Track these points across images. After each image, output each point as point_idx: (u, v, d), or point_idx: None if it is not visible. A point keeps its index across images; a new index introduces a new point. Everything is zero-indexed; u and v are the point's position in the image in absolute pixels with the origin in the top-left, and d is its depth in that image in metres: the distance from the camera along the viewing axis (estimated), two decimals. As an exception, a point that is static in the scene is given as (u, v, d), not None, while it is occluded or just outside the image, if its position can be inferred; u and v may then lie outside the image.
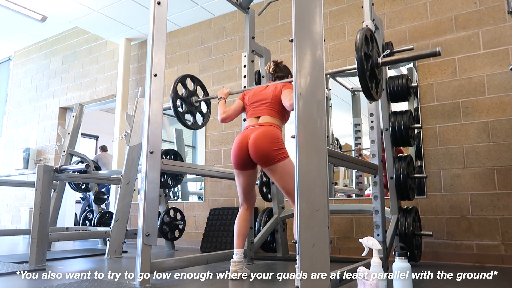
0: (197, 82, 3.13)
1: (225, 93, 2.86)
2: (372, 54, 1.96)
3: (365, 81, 1.88)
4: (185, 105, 3.00)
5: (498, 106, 3.18)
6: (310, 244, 1.51)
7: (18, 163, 6.37)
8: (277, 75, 2.74)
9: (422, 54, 2.09)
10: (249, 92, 2.73)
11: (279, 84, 2.60)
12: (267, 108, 2.56)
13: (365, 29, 1.95)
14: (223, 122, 2.77)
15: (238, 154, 2.49)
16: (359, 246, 1.80)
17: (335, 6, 4.14)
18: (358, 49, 1.85)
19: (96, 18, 5.14)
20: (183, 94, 2.99)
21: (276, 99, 2.55)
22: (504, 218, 3.03)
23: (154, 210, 2.22)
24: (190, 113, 3.07)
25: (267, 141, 2.39)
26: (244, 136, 2.49)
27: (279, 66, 2.77)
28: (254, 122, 2.57)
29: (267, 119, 2.53)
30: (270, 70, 2.76)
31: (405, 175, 2.82)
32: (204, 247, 4.11)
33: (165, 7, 2.41)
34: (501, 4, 3.27)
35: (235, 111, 2.75)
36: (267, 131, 2.44)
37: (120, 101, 5.49)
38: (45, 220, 2.98)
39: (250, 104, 2.67)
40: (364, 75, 1.87)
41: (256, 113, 2.60)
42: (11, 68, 7.39)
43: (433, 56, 2.02)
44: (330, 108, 4.10)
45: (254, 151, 2.40)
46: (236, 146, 2.51)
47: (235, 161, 2.52)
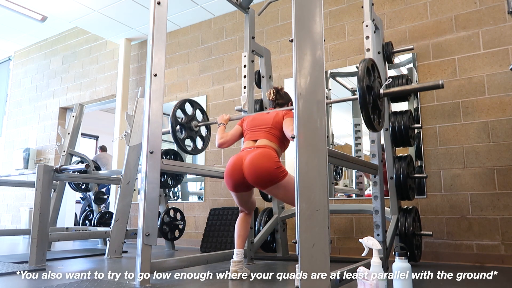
0: (196, 106, 3.12)
1: (225, 119, 2.85)
2: (374, 86, 1.94)
3: (367, 113, 1.87)
4: (185, 131, 3.00)
5: (498, 106, 3.18)
6: (310, 244, 1.51)
7: (18, 163, 6.37)
8: (277, 102, 2.73)
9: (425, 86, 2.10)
10: (249, 118, 2.69)
11: (281, 112, 2.55)
12: (266, 132, 2.50)
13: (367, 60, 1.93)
14: (220, 147, 2.72)
15: (232, 176, 2.41)
16: (359, 246, 1.80)
17: (335, 6, 4.14)
18: (360, 80, 1.83)
19: (96, 18, 5.14)
20: (182, 119, 2.99)
21: (277, 125, 2.50)
22: (504, 218, 3.03)
23: (154, 210, 2.22)
24: (190, 138, 3.06)
25: (266, 160, 2.31)
26: (238, 158, 2.41)
27: (280, 93, 2.75)
28: (251, 144, 2.51)
29: (265, 142, 2.47)
30: (270, 97, 2.74)
31: (405, 175, 2.82)
32: (204, 247, 4.11)
33: (165, 7, 2.41)
34: (501, 4, 3.27)
35: (233, 136, 2.70)
36: (264, 152, 2.37)
37: (120, 101, 5.49)
38: (45, 220, 2.98)
39: (248, 128, 2.61)
40: (367, 107, 1.86)
41: (254, 136, 2.54)
42: (11, 68, 7.39)
43: (436, 88, 2.01)
44: (330, 108, 4.10)
45: (253, 173, 2.31)
46: (230, 168, 2.42)
47: (229, 184, 2.45)
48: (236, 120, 2.88)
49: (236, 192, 2.49)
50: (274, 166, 2.30)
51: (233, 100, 4.67)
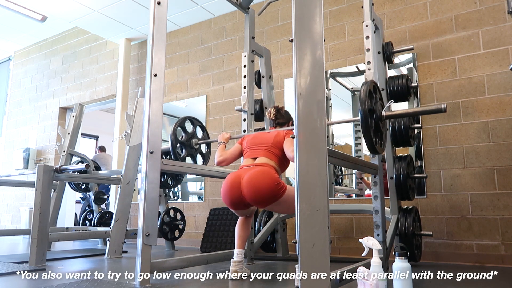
0: (196, 123, 3.13)
1: (226, 138, 2.84)
2: (376, 108, 1.94)
3: (369, 136, 1.87)
4: (185, 149, 3.00)
5: (498, 106, 3.18)
6: (310, 244, 1.51)
7: (18, 163, 6.37)
8: (278, 121, 2.72)
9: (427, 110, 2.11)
10: (249, 136, 2.67)
11: (282, 132, 2.53)
12: (266, 151, 2.47)
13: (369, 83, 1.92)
14: (218, 165, 2.69)
15: (230, 196, 2.35)
16: (359, 246, 1.80)
17: (335, 6, 4.14)
18: (363, 103, 1.83)
19: (96, 18, 5.14)
20: (182, 137, 2.99)
21: (278, 144, 2.47)
22: (504, 218, 3.03)
23: (154, 210, 2.22)
24: (190, 156, 3.06)
25: (264, 178, 2.26)
26: (236, 176, 2.36)
27: (280, 112, 2.73)
28: (249, 162, 2.47)
29: (264, 160, 2.43)
30: (271, 116, 2.72)
31: (405, 175, 2.82)
32: (204, 247, 4.11)
33: (165, 7, 2.41)
34: (501, 4, 3.27)
35: (232, 155, 2.66)
36: (262, 170, 2.32)
37: (120, 101, 5.49)
38: (45, 220, 2.98)
39: (248, 146, 2.58)
40: (369, 130, 1.85)
41: (254, 154, 2.50)
42: (11, 68, 7.39)
43: (439, 112, 2.01)
44: (330, 108, 4.10)
45: (252, 192, 2.26)
46: (227, 186, 2.36)
47: (227, 203, 2.40)
48: (237, 139, 2.86)
49: (235, 210, 2.46)
50: (273, 184, 2.25)
51: (233, 100, 4.67)
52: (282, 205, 2.32)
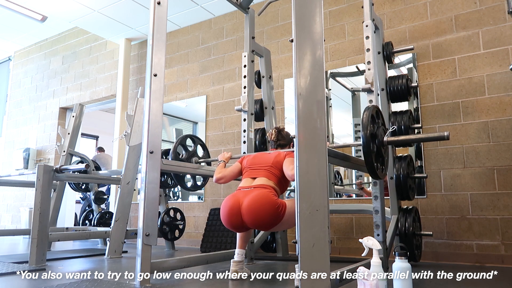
0: (198, 141, 3.12)
1: (226, 157, 2.84)
2: (378, 133, 1.94)
3: (371, 162, 1.86)
4: None
5: (498, 106, 3.18)
6: (310, 244, 1.51)
7: (18, 163, 6.37)
8: (279, 143, 2.72)
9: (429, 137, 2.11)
10: (249, 156, 2.66)
11: (283, 152, 2.53)
12: (265, 171, 2.45)
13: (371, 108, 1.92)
14: (217, 182, 2.66)
15: (230, 220, 2.32)
16: (359, 246, 1.80)
17: (335, 6, 4.14)
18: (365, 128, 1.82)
19: (96, 18, 5.14)
20: (183, 156, 2.98)
21: (278, 165, 2.45)
22: (504, 218, 3.03)
23: (154, 210, 2.22)
24: (190, 174, 3.04)
25: (264, 203, 2.23)
26: (235, 200, 2.32)
27: (281, 133, 2.73)
28: (248, 183, 2.44)
29: (263, 180, 2.40)
30: (272, 137, 2.72)
31: (405, 175, 2.82)
32: (204, 247, 4.11)
33: (165, 7, 2.41)
34: (501, 4, 3.27)
35: (231, 173, 2.64)
36: (261, 193, 2.28)
37: (120, 101, 5.49)
38: (45, 220, 2.98)
39: (248, 166, 2.56)
40: (370, 155, 1.85)
41: (253, 174, 2.48)
42: (11, 68, 7.39)
43: (441, 140, 2.01)
44: (330, 108, 4.10)
45: (253, 219, 2.24)
46: (226, 212, 2.33)
47: (228, 226, 2.38)
48: (237, 159, 2.84)
49: (236, 231, 2.44)
50: (273, 208, 2.22)
51: (233, 100, 4.67)
52: (285, 224, 2.31)
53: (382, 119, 2.02)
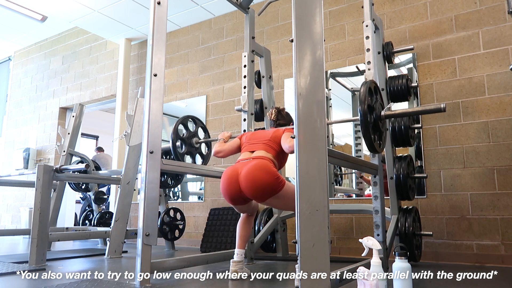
0: (199, 123, 3.13)
1: (226, 136, 2.87)
2: (376, 107, 1.94)
3: (368, 134, 1.87)
4: (185, 146, 3.00)
5: (498, 106, 3.18)
6: (310, 244, 1.51)
7: (18, 163, 6.37)
8: (278, 122, 2.74)
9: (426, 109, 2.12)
10: (248, 133, 2.71)
11: (281, 129, 2.57)
12: (264, 145, 2.48)
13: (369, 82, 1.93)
14: (215, 155, 2.72)
15: (228, 191, 2.36)
16: (359, 246, 1.80)
17: (335, 6, 4.14)
18: (362, 102, 1.83)
19: (96, 18, 5.14)
20: (184, 135, 2.99)
21: (276, 139, 2.49)
22: (504, 218, 3.03)
23: (154, 210, 2.22)
24: (189, 154, 3.07)
25: (262, 172, 2.26)
26: (233, 171, 2.36)
27: (281, 113, 2.75)
28: (247, 156, 2.47)
29: (261, 153, 2.43)
30: (272, 117, 2.74)
31: (405, 175, 2.82)
32: (204, 247, 4.11)
33: (165, 7, 2.41)
34: (501, 4, 3.27)
35: (230, 147, 2.69)
36: (260, 163, 2.31)
37: (120, 101, 5.49)
38: (45, 220, 2.98)
39: (247, 141, 2.60)
40: (368, 128, 1.86)
41: (252, 148, 2.51)
42: (11, 68, 7.39)
43: (438, 112, 2.02)
44: (330, 108, 4.10)
45: (250, 186, 2.26)
46: (225, 182, 2.37)
47: (226, 198, 2.41)
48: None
49: (234, 205, 2.47)
50: (272, 178, 2.25)
51: (233, 100, 4.67)
52: (281, 200, 2.32)
53: (380, 94, 2.03)
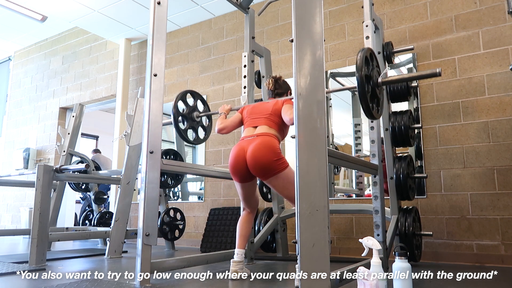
0: (197, 96, 3.13)
1: (226, 109, 2.89)
2: (372, 75, 1.95)
3: (366, 101, 1.88)
4: (187, 121, 3.00)
5: (498, 106, 3.18)
6: (310, 244, 1.51)
7: (18, 163, 6.37)
8: (276, 92, 2.76)
9: (422, 74, 2.11)
10: (249, 106, 2.74)
11: (281, 100, 2.60)
12: (266, 119, 2.55)
13: (366, 50, 1.94)
14: (219, 132, 2.76)
15: (236, 167, 2.45)
16: (359, 246, 1.80)
17: (335, 6, 4.14)
18: (359, 69, 1.84)
19: (96, 18, 5.14)
20: (184, 111, 3.00)
21: (276, 112, 2.55)
22: (504, 218, 3.03)
23: (154, 210, 2.22)
24: (192, 128, 3.07)
25: (266, 152, 2.36)
26: (240, 149, 2.46)
27: (278, 82, 2.77)
28: (251, 132, 2.55)
29: (264, 129, 2.51)
30: (269, 86, 2.77)
31: (405, 175, 2.82)
32: (204, 247, 4.11)
33: (165, 7, 2.41)
34: (501, 4, 3.27)
35: (232, 123, 2.74)
36: (265, 141, 2.41)
37: (120, 101, 5.49)
38: (45, 220, 2.98)
39: (248, 116, 2.66)
40: (365, 95, 1.86)
41: (254, 123, 2.58)
42: (11, 68, 7.39)
43: (434, 76, 2.04)
44: (330, 108, 4.10)
45: (253, 164, 2.37)
46: (233, 159, 2.47)
47: (233, 174, 2.50)
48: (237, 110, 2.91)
49: (241, 182, 2.52)
50: (274, 158, 2.35)
51: (233, 100, 4.66)
52: (280, 181, 2.38)
53: (376, 61, 2.04)
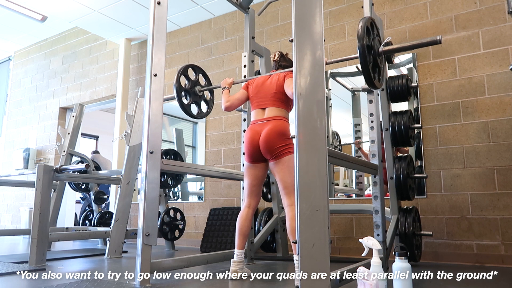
0: (199, 70, 3.14)
1: (229, 82, 2.90)
2: (373, 44, 1.97)
3: (367, 71, 1.90)
4: (190, 96, 3.01)
5: (498, 106, 3.18)
6: (310, 244, 1.51)
7: (18, 163, 6.37)
8: (280, 63, 2.77)
9: (423, 42, 2.11)
10: (253, 83, 2.75)
11: (282, 74, 2.62)
12: (273, 99, 2.59)
13: (367, 19, 1.96)
14: (227, 110, 2.77)
15: (251, 149, 2.55)
16: (359, 246, 1.80)
17: (335, 6, 4.14)
18: (360, 39, 1.85)
19: (96, 18, 5.14)
20: (186, 85, 3.01)
21: (280, 89, 2.58)
22: (504, 218, 3.03)
23: (154, 210, 2.22)
24: (195, 103, 3.08)
25: (276, 138, 2.46)
26: (255, 133, 2.54)
27: (284, 56, 2.80)
28: (260, 115, 2.60)
29: (274, 111, 2.56)
30: (275, 58, 2.79)
31: (405, 175, 2.82)
32: (204, 247, 4.11)
33: (165, 7, 2.41)
34: (501, 4, 3.27)
35: (238, 100, 2.77)
36: (276, 126, 2.49)
37: (120, 101, 5.49)
38: (45, 220, 2.98)
39: (254, 94, 2.69)
40: (367, 65, 1.88)
41: (262, 104, 2.63)
42: (11, 68, 7.39)
43: (434, 44, 2.04)
44: (330, 108, 4.10)
45: (264, 146, 2.48)
46: (248, 142, 2.57)
47: (248, 155, 2.59)
48: (239, 84, 2.95)
49: (253, 163, 2.58)
50: (281, 144, 2.45)
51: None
52: (281, 166, 2.44)
53: (377, 30, 2.05)
